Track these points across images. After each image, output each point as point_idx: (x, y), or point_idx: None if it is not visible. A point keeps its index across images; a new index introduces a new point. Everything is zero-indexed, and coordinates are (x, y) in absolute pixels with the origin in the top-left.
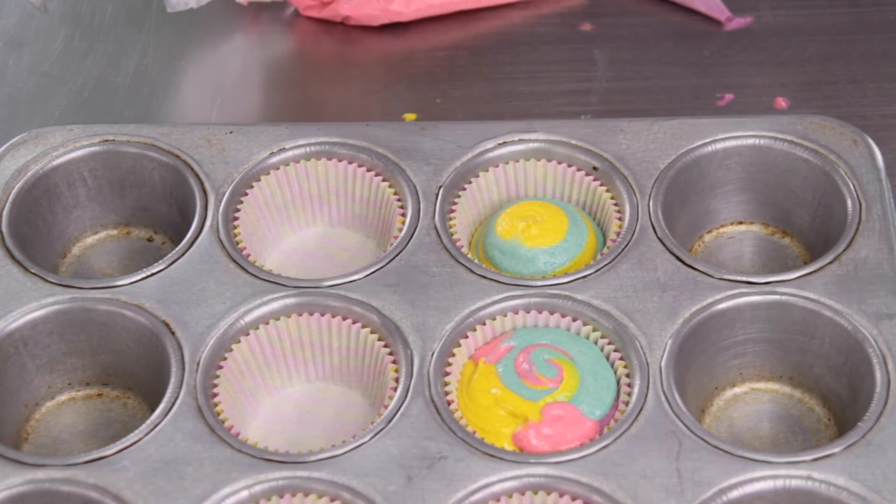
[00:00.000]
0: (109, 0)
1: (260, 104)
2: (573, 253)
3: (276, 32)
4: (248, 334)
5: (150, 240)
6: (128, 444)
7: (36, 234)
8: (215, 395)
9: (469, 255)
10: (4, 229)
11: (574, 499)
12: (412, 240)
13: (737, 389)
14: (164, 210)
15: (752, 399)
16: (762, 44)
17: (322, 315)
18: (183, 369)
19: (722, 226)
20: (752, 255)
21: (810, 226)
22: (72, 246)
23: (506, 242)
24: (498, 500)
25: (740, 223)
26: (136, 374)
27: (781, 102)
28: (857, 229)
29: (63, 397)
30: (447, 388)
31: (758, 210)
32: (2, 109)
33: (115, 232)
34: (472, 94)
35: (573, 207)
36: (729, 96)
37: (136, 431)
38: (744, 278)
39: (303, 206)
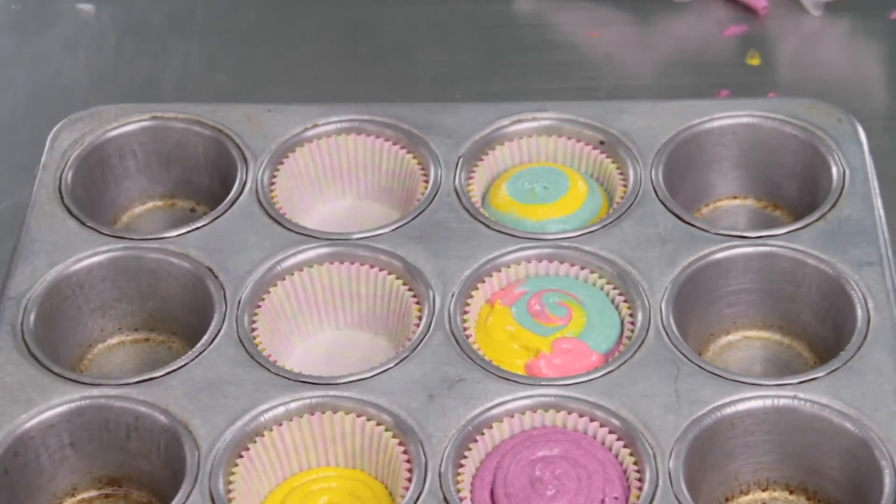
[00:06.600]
0: (156, 9)
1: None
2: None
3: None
4: (283, 279)
5: (192, 210)
6: (175, 367)
7: (90, 199)
8: (254, 330)
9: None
10: (63, 190)
11: (581, 416)
12: (434, 200)
13: (730, 337)
14: (207, 182)
15: (745, 346)
16: (762, 45)
17: (351, 264)
18: (225, 305)
19: (718, 199)
20: (747, 227)
21: (799, 198)
22: (121, 214)
23: (504, 216)
24: (512, 416)
25: (735, 197)
26: (181, 318)
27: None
28: (841, 193)
29: (113, 340)
30: (465, 325)
31: (751, 185)
32: (59, 102)
33: (160, 203)
34: (474, 94)
35: (591, 179)
36: (725, 92)
37: (183, 357)
38: (738, 233)
39: (333, 178)
